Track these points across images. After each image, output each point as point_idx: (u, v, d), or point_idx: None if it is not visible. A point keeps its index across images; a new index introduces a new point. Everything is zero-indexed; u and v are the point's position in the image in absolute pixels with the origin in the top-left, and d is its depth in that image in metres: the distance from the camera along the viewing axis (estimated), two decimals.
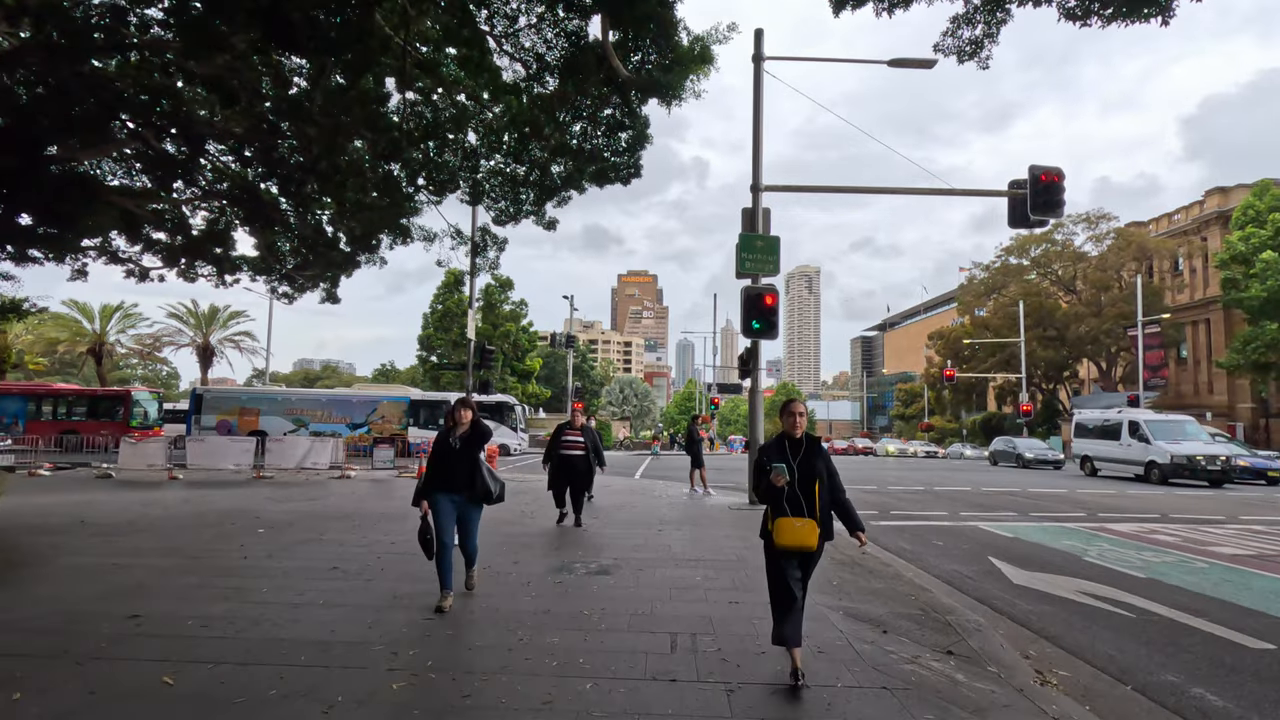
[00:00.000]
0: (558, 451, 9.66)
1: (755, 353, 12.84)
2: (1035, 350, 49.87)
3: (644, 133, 15.72)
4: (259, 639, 4.30)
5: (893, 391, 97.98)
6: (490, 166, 17.77)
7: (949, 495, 15.86)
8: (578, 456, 9.54)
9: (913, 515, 12.21)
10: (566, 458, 9.56)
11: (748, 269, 12.62)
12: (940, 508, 13.36)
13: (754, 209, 13.01)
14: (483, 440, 5.43)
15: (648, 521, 10.07)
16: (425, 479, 5.36)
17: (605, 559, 7.10)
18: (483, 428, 5.53)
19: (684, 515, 10.92)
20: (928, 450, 49.79)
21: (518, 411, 37.71)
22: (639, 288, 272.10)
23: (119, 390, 30.73)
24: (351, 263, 22.88)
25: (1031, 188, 12.49)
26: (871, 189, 13.41)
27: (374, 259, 21.67)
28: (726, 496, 14.13)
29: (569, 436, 9.68)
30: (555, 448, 9.72)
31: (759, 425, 12.69)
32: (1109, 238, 49.87)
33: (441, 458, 5.34)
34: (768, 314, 12.40)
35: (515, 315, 58.67)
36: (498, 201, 18.14)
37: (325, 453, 17.77)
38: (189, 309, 39.53)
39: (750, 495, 12.46)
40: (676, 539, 8.45)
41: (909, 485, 18.69)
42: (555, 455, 9.66)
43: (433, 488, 5.31)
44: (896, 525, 10.91)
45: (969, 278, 59.37)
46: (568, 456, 9.56)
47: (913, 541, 9.29)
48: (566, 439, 9.68)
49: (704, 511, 11.44)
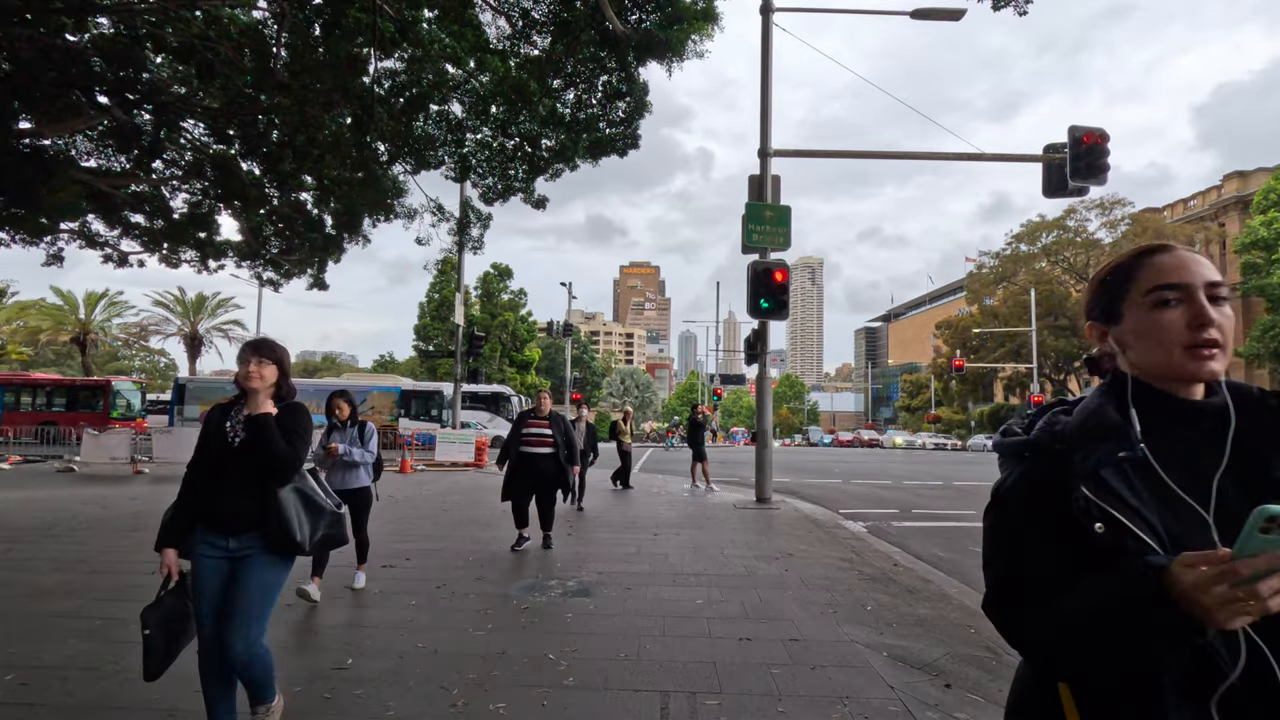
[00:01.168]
0: (517, 448, 7.23)
1: (763, 336, 11.62)
2: (1046, 340, 48.55)
3: (643, 100, 14.54)
4: (81, 706, 3.12)
5: (898, 383, 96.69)
6: (477, 140, 16.65)
7: (972, 491, 14.66)
8: (543, 456, 7.17)
9: (938, 514, 11.00)
10: (528, 457, 7.16)
11: (755, 242, 11.38)
12: (966, 505, 12.16)
13: (762, 175, 11.75)
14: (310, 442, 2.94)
15: (642, 523, 8.89)
16: (178, 505, 2.66)
17: (588, 573, 5.91)
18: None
19: (684, 516, 9.73)
20: (937, 442, 48.60)
21: (514, 402, 36.53)
22: (641, 279, 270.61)
23: (98, 380, 29.63)
24: (336, 245, 21.78)
25: (1072, 150, 11.21)
26: (897, 154, 12.14)
27: (357, 238, 20.63)
28: (731, 493, 12.94)
29: (532, 428, 7.25)
30: (514, 443, 7.25)
31: (768, 414, 11.49)
32: (1124, 224, 48.39)
33: (214, 464, 2.66)
34: (777, 292, 11.17)
35: (514, 304, 57.47)
36: (485, 178, 17.06)
37: None
38: (176, 297, 38.41)
39: (758, 492, 11.27)
40: (674, 546, 7.26)
41: (926, 479, 17.48)
42: (514, 453, 7.23)
43: (191, 523, 2.65)
44: (924, 527, 9.71)
45: (978, 265, 57.97)
46: (529, 455, 7.16)
47: (947, 547, 8.09)
48: (529, 432, 7.23)
49: (707, 511, 10.24)
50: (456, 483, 14.12)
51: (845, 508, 11.63)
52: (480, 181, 16.95)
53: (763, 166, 11.77)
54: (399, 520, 8.87)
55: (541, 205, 17.50)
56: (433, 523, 8.76)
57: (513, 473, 7.17)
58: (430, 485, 13.59)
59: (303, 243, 22.30)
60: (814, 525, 9.00)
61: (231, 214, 21.06)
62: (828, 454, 35.30)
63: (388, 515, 9.02)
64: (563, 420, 7.49)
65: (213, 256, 23.19)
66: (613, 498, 11.80)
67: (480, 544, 7.25)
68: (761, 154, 11.78)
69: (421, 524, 8.70)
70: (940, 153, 11.85)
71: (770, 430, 11.43)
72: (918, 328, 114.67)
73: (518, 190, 16.98)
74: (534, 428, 7.26)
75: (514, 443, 7.26)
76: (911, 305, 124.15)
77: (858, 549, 7.32)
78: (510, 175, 16.80)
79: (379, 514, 7.76)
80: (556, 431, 7.24)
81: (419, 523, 8.80)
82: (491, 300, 56.96)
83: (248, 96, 12.53)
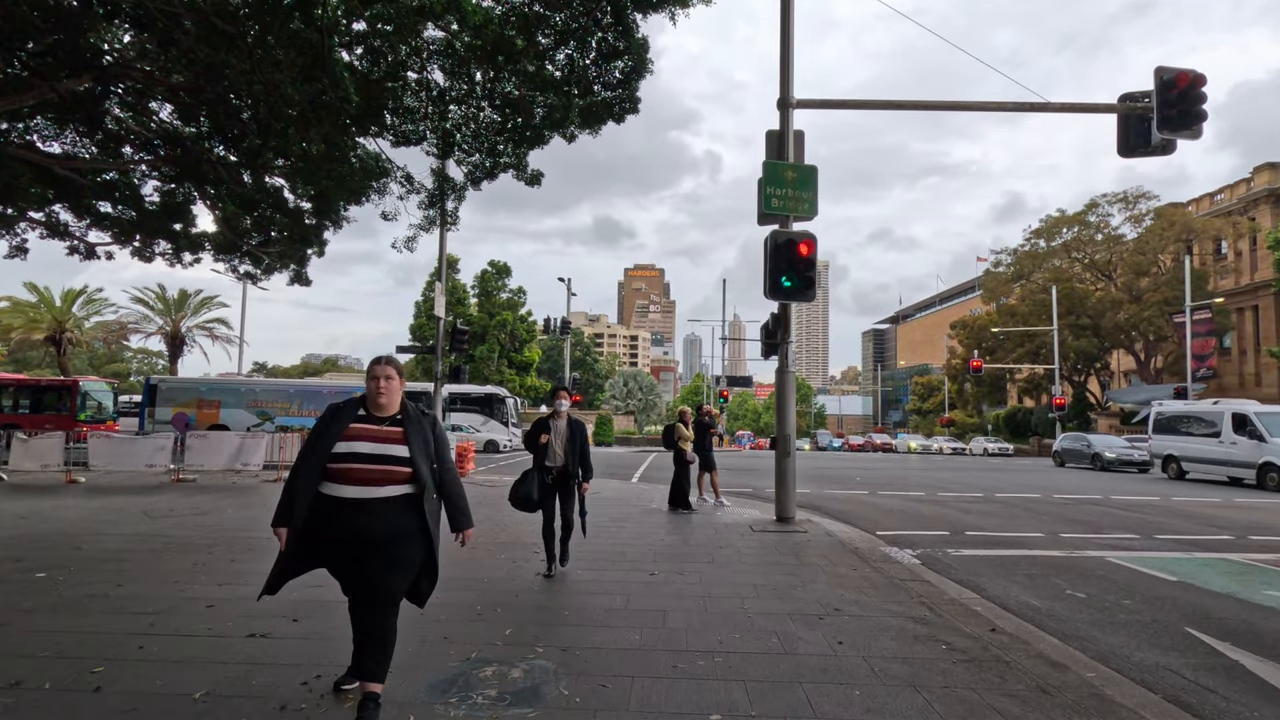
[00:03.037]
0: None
1: (785, 320, 9.67)
2: (1066, 340, 46.41)
3: (642, 59, 12.80)
4: None
5: (908, 385, 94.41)
6: (462, 112, 14.89)
7: (1024, 506, 12.66)
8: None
9: (998, 538, 9.02)
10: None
11: (774, 208, 9.45)
12: (1027, 525, 10.17)
13: (782, 130, 9.82)
14: None
15: (635, 555, 6.95)
16: None
17: (548, 649, 3.98)
18: None
19: (690, 542, 7.78)
20: (954, 446, 46.41)
21: (509, 404, 34.68)
22: (646, 281, 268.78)
23: (65, 380, 27.86)
24: (316, 234, 20.20)
25: (1159, 95, 9.25)
26: (949, 104, 10.16)
27: (334, 222, 19.06)
28: (745, 508, 10.99)
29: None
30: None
31: (790, 415, 9.54)
32: (1148, 218, 46.22)
33: None
34: (802, 267, 9.24)
35: (513, 304, 55.62)
36: (471, 154, 15.35)
37: (258, 451, 14.73)
38: (157, 293, 36.62)
39: (779, 510, 9.31)
40: (676, 595, 5.32)
41: (961, 491, 15.47)
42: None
43: None
44: (988, 557, 7.73)
45: (994, 263, 55.78)
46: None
47: (1037, 591, 6.12)
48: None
49: (718, 535, 8.29)
50: None
51: (883, 528, 9.66)
52: (466, 159, 15.36)
53: (783, 119, 9.85)
54: None
55: (535, 181, 15.88)
56: None
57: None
58: None
59: (281, 233, 20.66)
60: (855, 557, 7.05)
61: (206, 204, 19.53)
62: (841, 460, 33.25)
63: None
64: (581, 427, 6.22)
65: (188, 250, 21.53)
66: (603, 518, 9.86)
67: None
68: (782, 104, 9.85)
69: None
70: (1000, 103, 9.89)
71: (793, 435, 9.48)
72: (927, 329, 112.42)
73: (508, 166, 15.44)
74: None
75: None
76: (921, 307, 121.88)
77: (927, 598, 5.37)
78: (499, 151, 15.17)
79: None
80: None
81: None
82: (489, 299, 55.10)
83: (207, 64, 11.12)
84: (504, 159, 15.72)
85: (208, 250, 20.99)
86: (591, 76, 13.59)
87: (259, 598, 3.24)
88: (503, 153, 15.61)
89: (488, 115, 15.11)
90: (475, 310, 54.92)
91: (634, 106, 13.68)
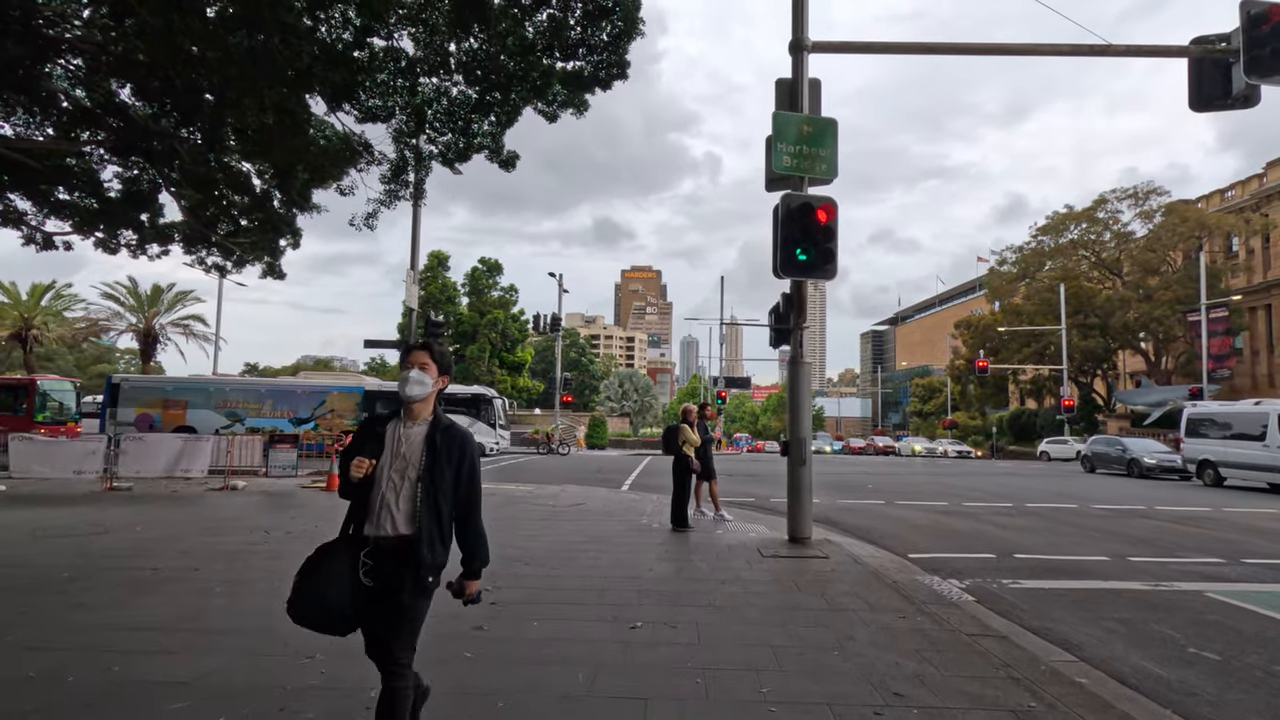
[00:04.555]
0: None
1: (799, 301, 8.13)
2: (1073, 340, 44.98)
3: (633, 18, 11.49)
4: None
5: (908, 387, 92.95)
6: (434, 86, 13.51)
7: (1067, 520, 11.15)
8: None
9: (1057, 564, 7.50)
10: None
11: (786, 167, 7.92)
12: (1082, 545, 8.64)
13: (795, 78, 8.29)
14: None
15: (615, 593, 5.40)
16: None
17: None
18: None
19: (683, 575, 6.23)
20: (959, 450, 44.93)
21: (497, 405, 33.00)
22: (643, 283, 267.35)
23: (20, 379, 26.19)
24: (287, 224, 18.72)
25: (1247, 34, 7.75)
26: (987, 47, 8.66)
27: (298, 204, 17.60)
28: (750, 524, 9.45)
29: None
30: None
31: (805, 415, 8.01)
32: (1159, 215, 44.83)
33: None
34: (820, 237, 7.72)
35: (504, 302, 54.00)
36: (443, 133, 13.95)
37: (201, 456, 13.14)
38: (128, 288, 34.92)
39: (792, 528, 7.77)
40: (665, 671, 3.78)
41: (989, 500, 13.94)
42: None
43: None
44: (1058, 592, 6.20)
45: (998, 261, 54.35)
46: None
47: (1146, 647, 4.59)
48: None
49: (719, 562, 6.74)
50: None
51: (915, 549, 8.13)
52: (438, 138, 13.96)
53: (796, 65, 8.31)
54: (234, 587, 5.40)
55: (510, 165, 14.55)
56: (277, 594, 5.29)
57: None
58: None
59: (251, 221, 19.24)
60: (895, 595, 5.51)
61: (171, 192, 18.12)
62: (846, 464, 31.71)
63: (239, 570, 5.58)
64: (461, 443, 4.52)
65: (154, 241, 20.05)
66: (582, 536, 8.30)
67: (296, 667, 3.76)
68: (795, 48, 8.31)
69: (261, 594, 5.22)
70: (1058, 45, 8.34)
71: (809, 439, 7.93)
72: (927, 330, 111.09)
73: (482, 147, 14.09)
74: None
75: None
76: (920, 308, 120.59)
77: (1014, 665, 3.83)
78: (473, 130, 13.76)
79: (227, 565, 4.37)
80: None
81: (257, 592, 5.33)
82: (480, 297, 53.45)
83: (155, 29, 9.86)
84: (478, 139, 14.28)
85: (176, 242, 19.47)
86: (575, 39, 12.19)
87: None
88: (477, 132, 14.17)
89: (461, 90, 13.69)
90: (466, 309, 53.30)
91: (622, 71, 12.25)
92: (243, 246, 19.19)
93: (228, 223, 18.51)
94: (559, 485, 14.92)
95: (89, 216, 17.90)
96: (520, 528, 8.70)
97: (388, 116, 13.63)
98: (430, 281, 52.35)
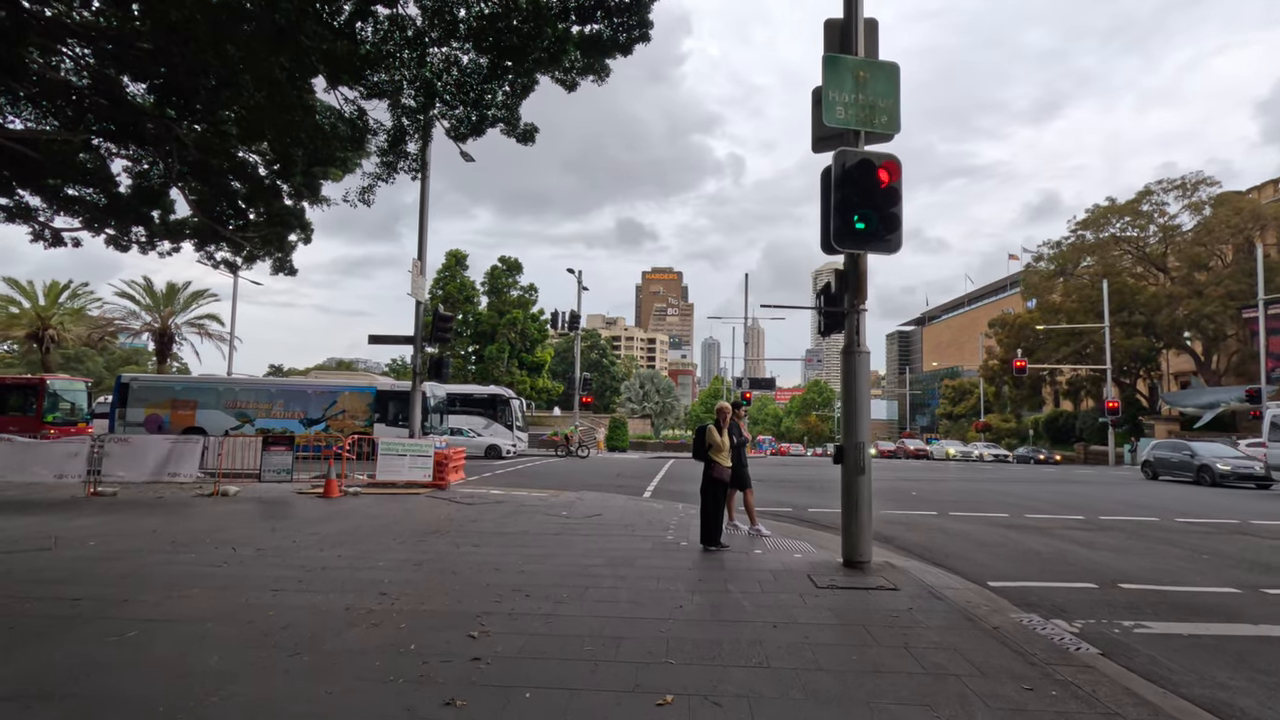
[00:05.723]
0: None
1: (857, 279, 6.81)
2: (1117, 338, 42.79)
3: None
4: None
5: (937, 389, 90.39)
6: (443, 56, 12.49)
7: (1158, 537, 9.69)
8: None
9: (1178, 597, 6.12)
10: None
11: (839, 120, 6.65)
12: (1196, 573, 7.21)
13: (848, 16, 7.01)
14: None
15: (634, 646, 4.15)
16: None
17: None
18: None
19: (721, 616, 4.97)
20: (996, 453, 42.97)
21: (514, 406, 32.01)
22: (664, 285, 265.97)
23: (30, 379, 25.68)
24: (296, 218, 17.94)
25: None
26: None
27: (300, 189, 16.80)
28: (789, 538, 8.15)
29: None
30: None
31: (863, 410, 6.70)
32: (1208, 206, 42.47)
33: None
34: (882, 201, 6.44)
35: (524, 302, 53.04)
36: (454, 106, 12.91)
37: (190, 459, 12.17)
38: (144, 287, 34.51)
39: (848, 549, 6.48)
40: None
41: (1054, 512, 12.46)
42: None
43: None
44: (1204, 640, 4.84)
45: (1034, 257, 52.17)
46: None
47: None
48: None
49: (765, 596, 5.47)
50: (383, 517, 9.49)
51: (995, 575, 6.78)
52: (449, 112, 12.93)
53: (849, 3, 7.03)
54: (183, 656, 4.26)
55: (528, 138, 13.53)
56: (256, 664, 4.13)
57: None
58: (334, 523, 8.98)
59: (259, 214, 18.54)
60: (1004, 649, 4.21)
61: (178, 185, 17.47)
62: (880, 467, 30.03)
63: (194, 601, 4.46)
64: None
65: (164, 237, 19.38)
66: (592, 556, 7.09)
67: None
68: None
69: (178, 643, 4.07)
70: None
71: (867, 442, 6.61)
72: (956, 331, 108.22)
73: (497, 120, 13.07)
74: None
75: None
76: (948, 308, 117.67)
77: None
78: (486, 101, 12.67)
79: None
80: None
81: (176, 640, 4.18)
82: (500, 297, 52.55)
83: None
84: (492, 110, 13.18)
85: (187, 238, 18.76)
86: (592, 5, 11.14)
87: None
88: (491, 103, 13.08)
89: (473, 59, 12.61)
90: (485, 309, 52.45)
91: (645, 34, 11.14)
92: (252, 242, 18.38)
93: (236, 217, 17.71)
94: (575, 492, 13.74)
95: (98, 212, 17.19)
96: (526, 545, 7.51)
97: (395, 91, 12.62)
98: (449, 281, 51.63)
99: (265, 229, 17.77)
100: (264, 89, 11.26)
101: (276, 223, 17.49)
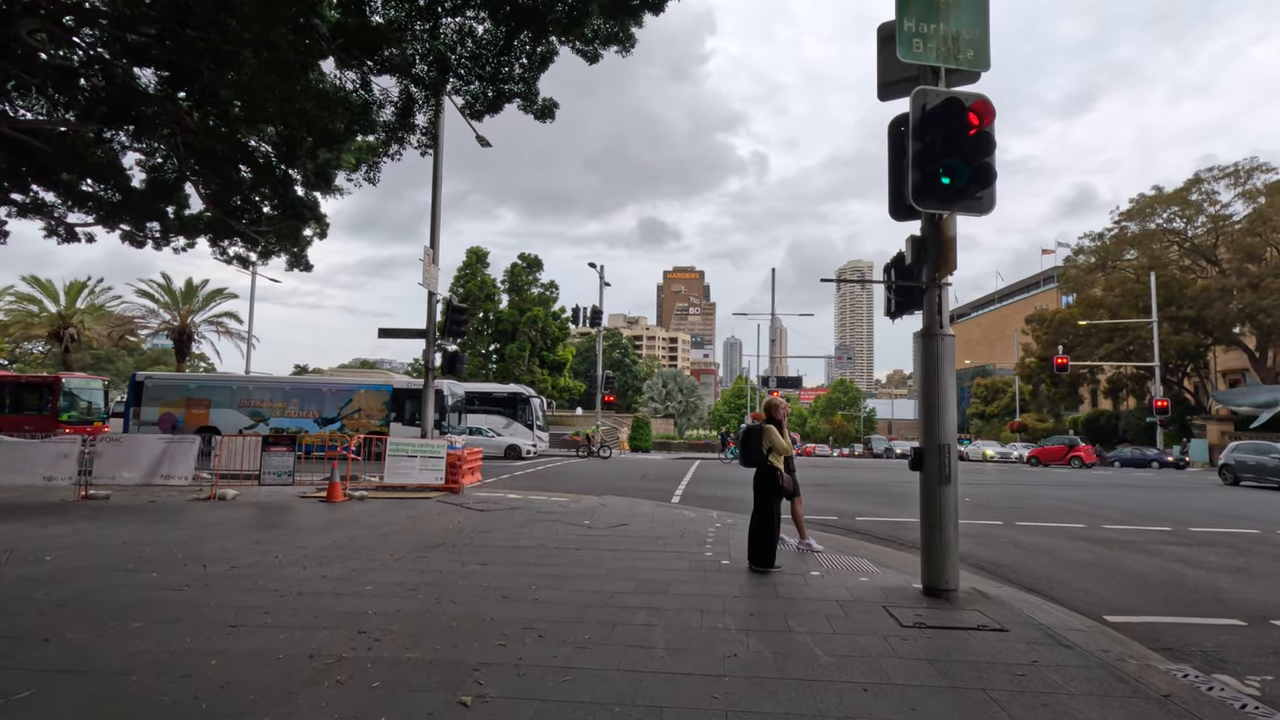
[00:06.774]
0: None
1: (941, 247, 5.62)
2: (1165, 334, 40.68)
3: None
4: None
5: (968, 387, 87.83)
6: (456, 26, 11.59)
7: (1239, 545, 8.37)
8: None
9: None
10: None
11: (916, 55, 5.49)
12: None
13: None
14: None
15: (674, 715, 3.06)
16: None
17: None
18: None
19: (787, 667, 3.84)
20: None
21: (534, 405, 31.10)
22: (685, 284, 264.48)
23: (45, 378, 25.35)
24: (310, 209, 17.22)
25: None
26: None
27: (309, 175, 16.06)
28: (846, 555, 7.00)
29: None
30: None
31: (947, 404, 5.52)
32: (1263, 195, 40.17)
33: None
34: (971, 150, 5.26)
35: (545, 299, 52.20)
36: (469, 80, 11.95)
37: (184, 460, 11.34)
38: (162, 285, 34.20)
39: (929, 574, 5.32)
40: None
41: (1133, 522, 11.12)
42: None
43: None
44: None
45: (1075, 250, 50.03)
46: None
47: None
48: None
49: (836, 637, 4.34)
50: (385, 527, 8.50)
51: (1106, 606, 5.58)
52: (463, 87, 12.04)
53: None
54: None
55: (547, 114, 12.64)
56: None
57: None
58: (329, 534, 8.00)
59: (272, 206, 17.86)
60: None
61: (192, 180, 16.86)
62: None
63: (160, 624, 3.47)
64: None
65: (179, 232, 18.84)
66: (628, 580, 6.01)
67: None
68: None
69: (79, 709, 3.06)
70: None
71: (954, 444, 5.44)
72: (986, 328, 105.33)
73: (513, 95, 12.17)
74: None
75: None
76: (978, 305, 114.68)
77: None
78: (502, 75, 11.72)
79: None
80: None
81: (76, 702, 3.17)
82: (520, 294, 51.76)
83: None
84: (509, 85, 12.27)
85: (202, 233, 18.18)
86: None
87: None
88: (507, 77, 12.16)
89: (488, 29, 11.69)
90: (506, 307, 51.70)
91: None
92: (266, 236, 17.67)
93: (250, 210, 17.02)
94: (598, 497, 12.69)
95: (112, 208, 16.58)
96: (542, 563, 6.45)
97: (407, 66, 11.72)
98: (469, 279, 50.99)
99: (279, 222, 17.06)
100: (265, 50, 10.36)
101: (290, 214, 16.75)
